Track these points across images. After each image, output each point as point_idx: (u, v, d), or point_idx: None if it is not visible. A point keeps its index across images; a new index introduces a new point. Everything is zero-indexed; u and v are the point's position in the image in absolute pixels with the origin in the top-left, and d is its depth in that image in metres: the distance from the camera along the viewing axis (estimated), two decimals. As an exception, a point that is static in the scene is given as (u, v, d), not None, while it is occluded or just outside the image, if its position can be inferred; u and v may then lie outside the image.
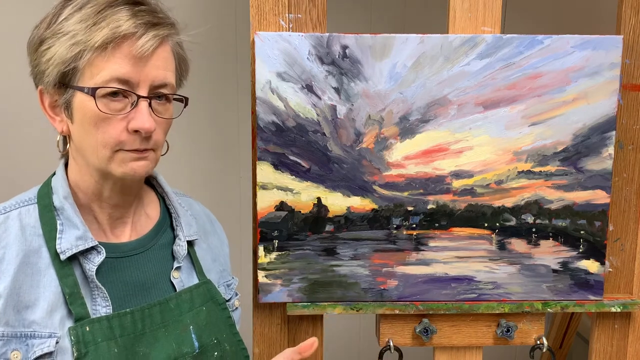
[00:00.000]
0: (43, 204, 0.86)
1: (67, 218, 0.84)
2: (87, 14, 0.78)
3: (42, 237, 0.83)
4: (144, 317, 0.86)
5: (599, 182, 1.12)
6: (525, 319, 1.17)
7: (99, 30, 0.77)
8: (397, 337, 1.18)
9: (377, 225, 1.12)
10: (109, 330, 0.82)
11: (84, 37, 0.77)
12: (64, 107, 0.82)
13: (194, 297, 0.92)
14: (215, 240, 1.05)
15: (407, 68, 1.07)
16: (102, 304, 0.83)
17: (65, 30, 0.78)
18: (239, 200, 1.87)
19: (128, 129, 0.81)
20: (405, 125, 1.09)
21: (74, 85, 0.80)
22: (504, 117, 1.09)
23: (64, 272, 0.82)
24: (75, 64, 0.78)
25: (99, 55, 0.78)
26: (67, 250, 0.82)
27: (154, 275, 0.90)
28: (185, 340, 0.88)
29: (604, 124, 1.10)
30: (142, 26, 0.80)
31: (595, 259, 1.14)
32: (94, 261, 0.84)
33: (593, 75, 1.08)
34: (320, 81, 1.07)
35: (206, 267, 0.98)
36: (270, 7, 1.08)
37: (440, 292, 1.15)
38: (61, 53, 0.78)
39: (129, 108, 0.80)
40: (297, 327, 1.17)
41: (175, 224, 0.96)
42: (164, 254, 0.93)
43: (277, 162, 1.09)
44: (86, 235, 0.84)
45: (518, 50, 1.07)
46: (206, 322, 0.91)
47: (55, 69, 0.79)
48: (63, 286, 0.82)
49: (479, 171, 1.11)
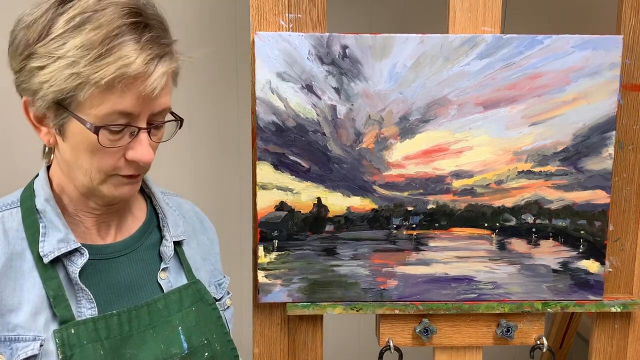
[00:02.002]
0: (25, 207, 0.84)
1: (49, 221, 0.83)
2: (90, 40, 0.72)
3: (25, 240, 0.82)
4: (131, 318, 0.85)
5: (599, 182, 1.12)
6: (525, 319, 1.17)
7: (106, 65, 0.72)
8: (397, 337, 1.18)
9: (377, 225, 1.12)
10: (94, 332, 0.81)
11: (89, 70, 0.72)
12: (55, 127, 0.78)
13: (183, 298, 0.91)
14: (205, 239, 1.04)
15: (407, 68, 1.07)
16: (86, 306, 0.83)
17: (62, 54, 0.72)
18: (239, 200, 1.87)
19: (126, 157, 0.79)
20: (405, 125, 1.09)
21: (72, 113, 0.75)
22: (504, 117, 1.09)
23: (48, 274, 0.81)
24: (74, 94, 0.73)
25: (102, 91, 0.73)
26: (49, 253, 0.81)
27: (141, 276, 0.90)
28: (173, 342, 0.87)
29: (604, 124, 1.10)
30: (151, 62, 0.74)
31: (595, 259, 1.14)
32: (77, 263, 0.83)
33: (593, 75, 1.08)
34: (320, 81, 1.07)
35: (195, 267, 0.97)
36: (270, 7, 1.08)
37: (440, 292, 1.15)
38: (59, 81, 0.73)
39: (129, 138, 0.78)
40: (297, 327, 1.17)
41: (162, 224, 0.95)
42: (151, 254, 0.92)
43: (277, 162, 1.09)
44: (68, 238, 0.83)
45: (518, 50, 1.07)
46: (196, 322, 0.91)
47: (50, 95, 0.74)
48: (47, 289, 0.81)
49: (479, 171, 1.11)
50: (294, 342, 1.19)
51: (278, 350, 1.19)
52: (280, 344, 1.19)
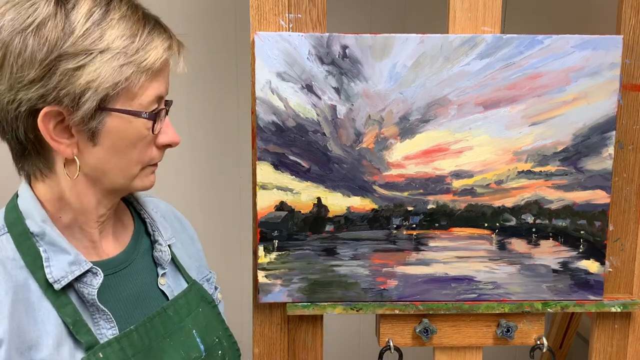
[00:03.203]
0: (16, 232, 0.77)
1: (50, 243, 0.77)
2: (130, 30, 0.73)
3: (25, 268, 0.75)
4: (147, 330, 0.82)
5: (599, 182, 1.12)
6: (525, 319, 1.17)
7: (154, 49, 0.74)
8: (397, 337, 1.18)
9: (377, 225, 1.12)
10: (121, 353, 0.78)
11: (139, 57, 0.72)
12: (88, 133, 0.74)
13: (189, 301, 0.90)
14: (186, 237, 1.03)
15: (407, 68, 1.07)
16: (106, 327, 0.79)
17: (104, 47, 0.71)
18: (239, 200, 1.87)
19: (157, 144, 0.80)
20: (405, 125, 1.09)
21: (116, 109, 0.73)
22: (504, 117, 1.09)
23: (60, 301, 0.76)
24: (125, 86, 0.72)
25: (150, 77, 0.75)
26: (61, 278, 0.75)
27: (145, 285, 0.87)
28: (191, 346, 0.87)
29: (604, 124, 1.10)
30: (175, 42, 0.79)
31: (595, 259, 1.14)
32: (92, 284, 0.78)
33: (593, 75, 1.08)
34: (320, 81, 1.07)
35: (187, 267, 0.96)
36: (270, 7, 1.08)
37: (440, 292, 1.15)
38: (108, 75, 0.71)
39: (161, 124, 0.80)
40: (297, 327, 1.17)
41: (151, 229, 0.92)
42: (146, 262, 0.90)
43: (277, 162, 1.09)
44: (79, 259, 0.77)
45: (518, 50, 1.07)
46: (205, 323, 0.90)
47: (102, 92, 0.71)
48: (63, 316, 0.75)
49: (479, 171, 1.11)
50: (294, 342, 1.19)
51: (278, 350, 1.19)
52: (280, 344, 1.19)
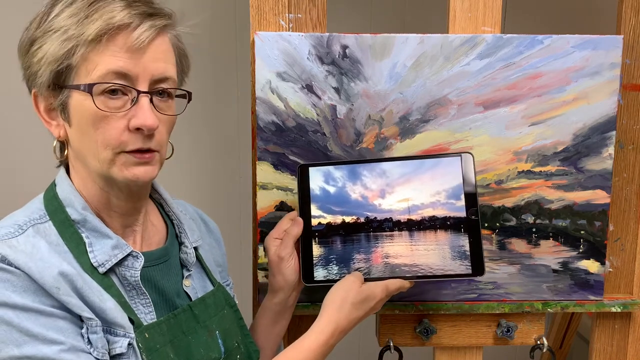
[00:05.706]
0: (59, 220, 0.80)
1: (92, 229, 0.80)
2: (78, 7, 0.75)
3: (69, 253, 0.78)
4: (171, 326, 0.83)
5: (599, 182, 1.12)
6: (525, 319, 1.17)
7: (91, 22, 0.73)
8: (397, 337, 1.18)
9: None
10: (161, 337, 0.80)
11: (76, 31, 0.74)
12: (60, 110, 0.78)
13: (217, 301, 0.91)
14: (212, 241, 1.04)
15: (407, 68, 1.07)
16: (144, 311, 0.81)
17: (56, 26, 0.75)
18: (239, 200, 1.87)
19: (129, 128, 0.76)
20: (405, 125, 1.09)
21: (68, 85, 0.76)
22: (504, 117, 1.09)
23: (106, 283, 0.78)
24: (69, 61, 0.74)
25: (93, 50, 0.74)
26: (106, 262, 0.79)
27: (174, 283, 0.88)
28: (212, 346, 0.87)
29: (604, 124, 1.10)
30: (138, 16, 0.75)
31: (595, 259, 1.14)
32: (135, 267, 0.81)
33: (593, 75, 1.08)
34: (320, 81, 1.07)
35: (212, 270, 0.97)
36: (270, 7, 1.08)
37: (440, 292, 1.14)
38: (53, 51, 0.74)
39: (129, 105, 0.76)
40: (297, 327, 1.17)
41: (179, 230, 0.93)
42: (175, 262, 0.91)
43: (277, 162, 1.09)
44: (120, 243, 0.80)
45: (518, 50, 1.07)
46: (228, 325, 0.91)
47: (47, 68, 0.75)
48: (112, 296, 0.78)
49: (479, 171, 1.11)
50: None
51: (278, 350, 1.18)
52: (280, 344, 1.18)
